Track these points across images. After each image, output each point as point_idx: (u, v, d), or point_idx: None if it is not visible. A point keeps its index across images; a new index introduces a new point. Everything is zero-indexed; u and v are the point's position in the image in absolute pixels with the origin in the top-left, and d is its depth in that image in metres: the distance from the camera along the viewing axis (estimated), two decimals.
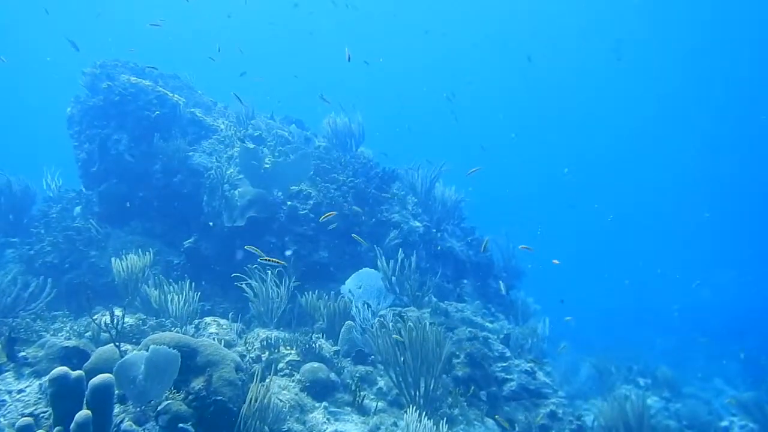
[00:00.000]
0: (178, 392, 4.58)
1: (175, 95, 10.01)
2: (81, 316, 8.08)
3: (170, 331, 6.02)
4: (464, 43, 48.91)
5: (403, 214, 9.75)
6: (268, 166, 8.65)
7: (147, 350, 4.60)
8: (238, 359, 5.04)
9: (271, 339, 6.46)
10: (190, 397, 4.54)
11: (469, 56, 50.50)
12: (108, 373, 4.03)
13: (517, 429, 6.29)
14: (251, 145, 9.19)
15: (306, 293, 7.71)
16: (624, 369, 10.62)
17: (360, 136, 10.50)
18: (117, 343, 4.79)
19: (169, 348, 4.62)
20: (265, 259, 6.40)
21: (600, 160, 52.99)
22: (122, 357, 4.67)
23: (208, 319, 6.89)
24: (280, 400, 5.50)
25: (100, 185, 9.47)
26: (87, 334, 5.97)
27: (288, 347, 6.48)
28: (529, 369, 6.85)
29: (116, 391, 4.12)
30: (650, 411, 9.35)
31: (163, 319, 6.52)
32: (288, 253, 8.41)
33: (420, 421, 5.57)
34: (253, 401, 4.62)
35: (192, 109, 10.11)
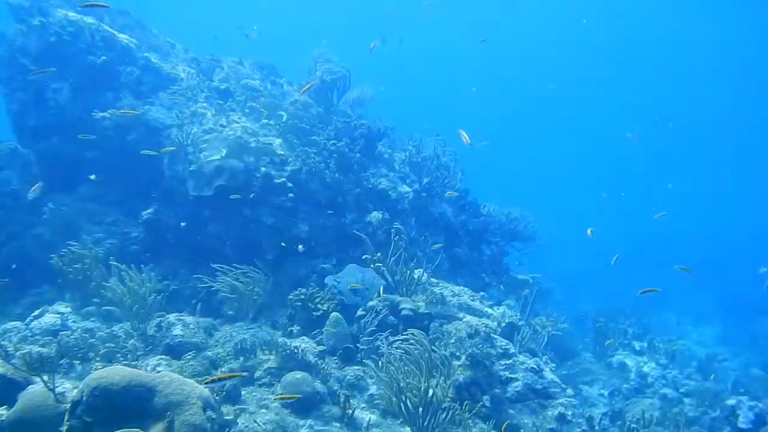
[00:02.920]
0: None
1: (125, 36, 8.54)
2: (21, 298, 7.07)
3: (122, 353, 5.08)
4: None
5: (391, 177, 8.74)
6: (239, 132, 7.47)
7: (89, 395, 3.69)
8: (207, 393, 4.15)
9: (246, 342, 5.58)
10: None
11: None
12: (38, 426, 3.12)
13: None
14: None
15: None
16: (620, 333, 10.20)
17: (343, 86, 9.26)
18: (51, 385, 3.83)
19: (120, 389, 3.72)
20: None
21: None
22: (57, 402, 3.75)
23: (171, 317, 5.95)
24: (258, 424, 4.71)
25: (39, 143, 8.16)
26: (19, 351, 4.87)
27: (266, 352, 5.62)
28: (534, 367, 6.16)
29: None
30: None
31: (115, 328, 5.54)
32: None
33: None
34: None
35: (146, 54, 8.67)
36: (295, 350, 5.46)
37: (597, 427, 6.36)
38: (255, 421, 4.74)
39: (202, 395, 4.10)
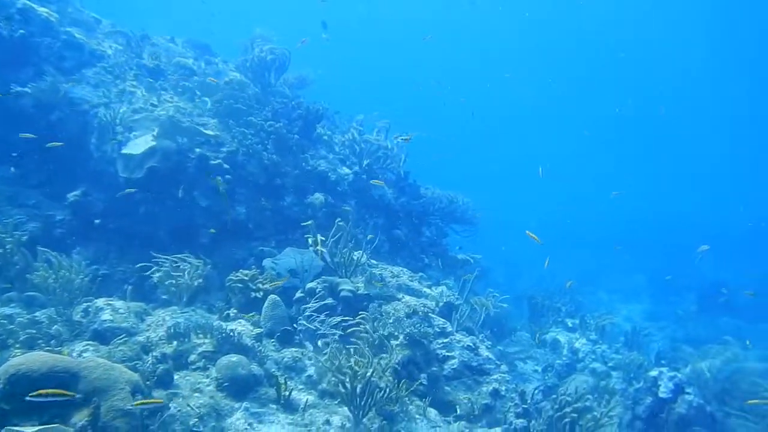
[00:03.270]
0: None
1: (45, 9, 8.04)
2: None
3: (44, 339, 4.86)
4: None
5: (331, 159, 8.68)
6: (171, 111, 7.21)
7: (6, 382, 3.51)
8: (136, 378, 4.04)
9: (179, 327, 5.43)
10: None
11: None
12: None
13: (459, 412, 5.81)
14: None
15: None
16: (554, 311, 10.57)
17: (281, 66, 9.07)
18: None
19: (41, 375, 3.56)
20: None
21: None
22: None
23: (99, 302, 5.71)
24: (192, 408, 4.62)
25: None
26: None
27: (201, 335, 5.49)
28: (470, 344, 6.32)
29: None
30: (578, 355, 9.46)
31: (38, 314, 5.27)
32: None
33: (357, 424, 4.91)
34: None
35: (69, 29, 8.20)
36: (231, 333, 5.37)
37: (529, 401, 6.60)
38: (188, 405, 4.65)
39: (131, 380, 3.98)
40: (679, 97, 47.25)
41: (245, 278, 6.41)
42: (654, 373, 7.86)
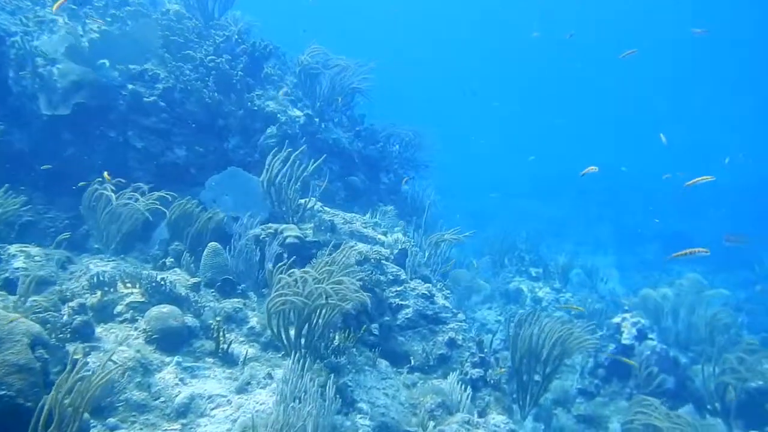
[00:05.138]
0: None
1: None
2: None
3: None
4: None
5: (281, 100, 8.07)
6: (95, 36, 6.47)
7: None
8: (37, 329, 3.53)
9: (104, 275, 4.91)
10: None
11: None
12: None
13: (413, 363, 5.50)
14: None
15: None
16: (517, 260, 10.36)
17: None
18: None
19: None
20: None
21: None
22: None
23: (13, 249, 5.13)
24: (115, 362, 4.15)
25: None
26: None
27: (129, 284, 4.99)
28: (426, 293, 5.96)
29: None
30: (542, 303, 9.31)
31: None
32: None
33: (301, 377, 4.51)
34: (62, 383, 3.21)
35: None
36: (162, 282, 4.88)
37: (487, 350, 6.35)
38: (111, 359, 4.18)
39: (30, 331, 3.47)
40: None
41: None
42: (617, 319, 7.73)
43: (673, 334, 7.38)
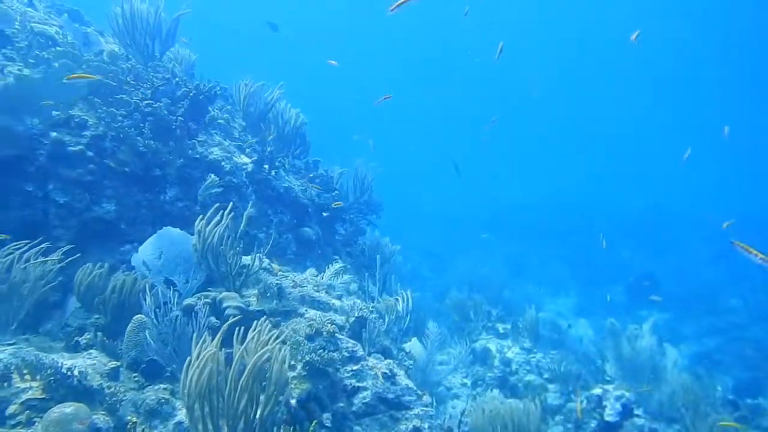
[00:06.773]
0: None
1: None
2: None
3: None
4: None
5: (227, 146, 7.45)
6: (10, 80, 5.76)
7: None
8: None
9: None
10: None
11: None
12: None
13: None
14: None
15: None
16: (483, 315, 9.79)
17: (168, 35, 7.69)
18: None
19: None
20: None
21: None
22: None
23: None
24: None
25: None
26: None
27: (28, 376, 4.21)
28: (387, 372, 5.32)
29: None
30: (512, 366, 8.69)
31: None
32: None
33: None
34: None
35: None
36: (68, 373, 4.12)
37: None
38: None
39: None
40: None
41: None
42: (597, 390, 7.23)
43: (655, 402, 6.90)
